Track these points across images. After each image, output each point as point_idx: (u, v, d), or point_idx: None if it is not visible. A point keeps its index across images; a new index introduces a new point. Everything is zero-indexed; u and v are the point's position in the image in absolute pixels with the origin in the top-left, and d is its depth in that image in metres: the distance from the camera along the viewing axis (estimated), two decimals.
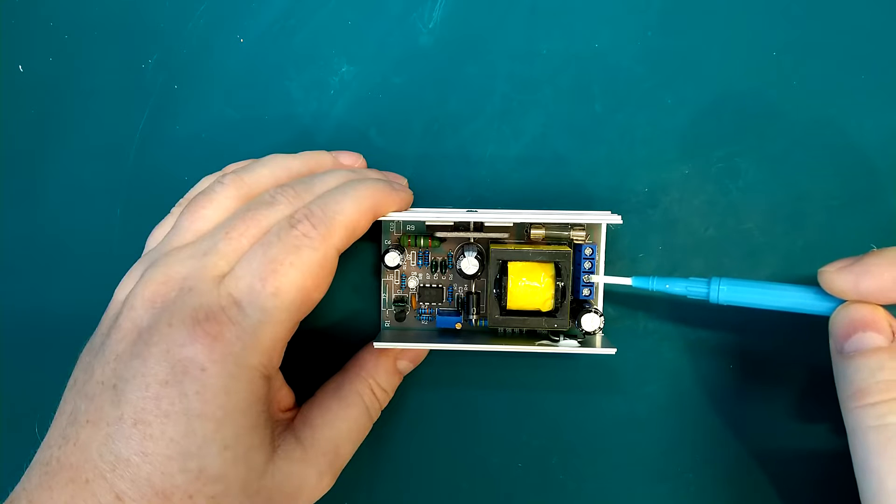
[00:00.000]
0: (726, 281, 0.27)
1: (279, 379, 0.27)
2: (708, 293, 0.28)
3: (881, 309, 0.25)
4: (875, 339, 0.24)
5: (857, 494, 0.24)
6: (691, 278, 0.28)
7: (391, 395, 0.31)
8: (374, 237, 0.32)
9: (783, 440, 0.32)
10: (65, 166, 0.33)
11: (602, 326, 0.29)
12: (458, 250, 0.31)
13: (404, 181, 0.32)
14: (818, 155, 0.31)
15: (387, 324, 0.32)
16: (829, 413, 0.32)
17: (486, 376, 0.33)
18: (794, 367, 0.32)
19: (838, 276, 0.25)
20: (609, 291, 0.32)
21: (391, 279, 0.32)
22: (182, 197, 0.31)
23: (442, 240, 0.31)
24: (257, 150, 0.31)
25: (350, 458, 0.28)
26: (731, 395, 0.32)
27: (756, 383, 0.32)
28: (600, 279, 0.30)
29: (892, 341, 0.24)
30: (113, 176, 0.33)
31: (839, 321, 0.25)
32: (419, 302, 0.32)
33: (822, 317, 0.26)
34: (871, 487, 0.23)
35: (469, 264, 0.29)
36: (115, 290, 0.27)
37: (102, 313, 0.27)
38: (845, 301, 0.25)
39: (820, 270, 0.26)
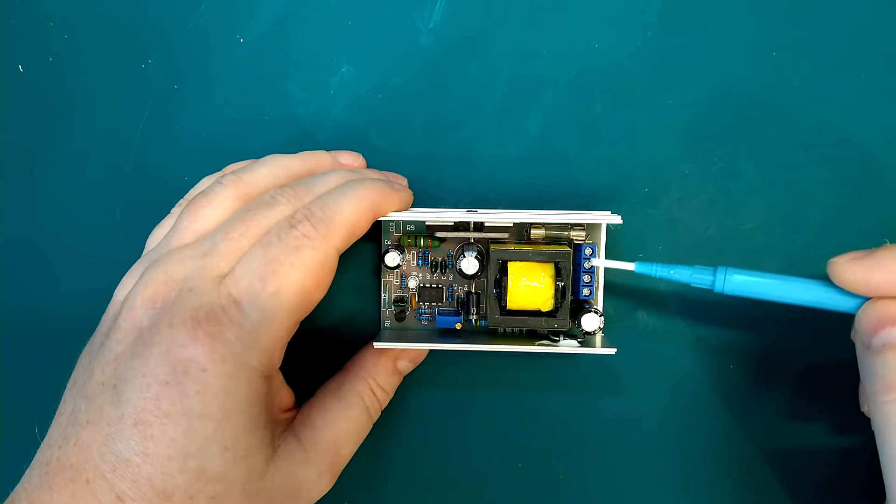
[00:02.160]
0: (733, 270, 0.26)
1: (279, 379, 0.27)
2: (713, 282, 0.26)
3: None
4: None
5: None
6: (697, 266, 0.27)
7: (391, 395, 0.31)
8: (374, 237, 0.32)
9: (783, 440, 0.32)
10: (65, 166, 0.33)
11: (602, 326, 0.29)
12: (458, 250, 0.31)
13: (404, 181, 0.32)
14: (818, 155, 0.32)
15: (387, 324, 0.32)
16: (828, 412, 0.32)
17: (486, 376, 0.33)
18: (795, 366, 0.32)
19: (849, 268, 0.25)
20: (609, 287, 0.32)
21: (391, 279, 0.32)
22: (182, 197, 0.31)
23: (442, 240, 0.31)
24: (257, 151, 0.31)
25: (350, 458, 0.28)
26: (731, 395, 0.32)
27: (756, 383, 0.32)
28: (602, 262, 0.29)
29: None
30: (113, 176, 0.33)
31: (867, 317, 0.24)
32: (419, 302, 0.32)
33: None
34: None
35: (469, 264, 0.29)
36: (115, 291, 0.27)
37: (102, 313, 0.27)
38: (861, 297, 0.25)
39: (830, 261, 0.25)
